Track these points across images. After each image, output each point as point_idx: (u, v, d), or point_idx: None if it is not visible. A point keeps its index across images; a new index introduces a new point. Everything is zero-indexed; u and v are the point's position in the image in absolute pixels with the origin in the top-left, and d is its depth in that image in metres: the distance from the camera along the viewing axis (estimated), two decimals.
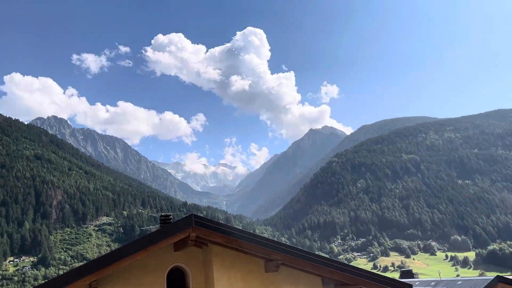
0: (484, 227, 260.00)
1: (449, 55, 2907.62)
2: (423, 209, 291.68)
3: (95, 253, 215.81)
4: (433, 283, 33.78)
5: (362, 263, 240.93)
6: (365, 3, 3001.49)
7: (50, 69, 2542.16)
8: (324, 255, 11.36)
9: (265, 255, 10.05)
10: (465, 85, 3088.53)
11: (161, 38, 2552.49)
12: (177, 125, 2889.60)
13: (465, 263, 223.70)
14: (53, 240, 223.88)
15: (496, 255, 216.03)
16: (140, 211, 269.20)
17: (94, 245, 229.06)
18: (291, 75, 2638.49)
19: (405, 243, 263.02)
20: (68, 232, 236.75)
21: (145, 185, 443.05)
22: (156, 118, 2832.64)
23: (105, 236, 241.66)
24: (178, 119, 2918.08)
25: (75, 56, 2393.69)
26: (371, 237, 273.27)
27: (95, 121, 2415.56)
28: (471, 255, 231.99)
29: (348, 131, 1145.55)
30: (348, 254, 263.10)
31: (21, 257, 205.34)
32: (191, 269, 10.73)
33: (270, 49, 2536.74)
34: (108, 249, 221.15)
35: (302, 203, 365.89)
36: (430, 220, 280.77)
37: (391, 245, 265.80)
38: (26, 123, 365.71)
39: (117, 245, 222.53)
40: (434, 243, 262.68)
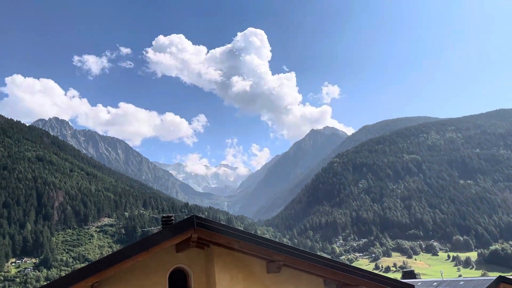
0: (486, 227, 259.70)
1: (450, 55, 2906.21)
2: (425, 209, 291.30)
3: (97, 254, 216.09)
4: (435, 284, 33.74)
5: (364, 263, 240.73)
6: (366, 4, 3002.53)
7: (51, 71, 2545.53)
8: (325, 256, 11.38)
9: (267, 256, 10.05)
10: (467, 84, 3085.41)
11: (162, 39, 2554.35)
12: (178, 126, 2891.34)
13: (467, 263, 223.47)
14: (55, 241, 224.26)
15: (498, 255, 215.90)
16: (141, 212, 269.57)
17: (95, 246, 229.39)
18: (292, 75, 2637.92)
19: (407, 244, 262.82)
20: (70, 233, 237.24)
21: (147, 186, 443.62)
22: (157, 119, 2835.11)
23: (107, 237, 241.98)
24: (179, 120, 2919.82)
25: (76, 57, 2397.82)
26: (373, 238, 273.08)
27: (97, 122, 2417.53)
28: (473, 255, 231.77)
29: (349, 131, 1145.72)
30: (350, 254, 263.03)
31: (23, 259, 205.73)
32: (193, 270, 10.74)
33: (271, 50, 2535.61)
34: (109, 250, 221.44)
35: (303, 204, 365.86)
36: (432, 220, 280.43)
37: (393, 246, 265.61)
38: (27, 125, 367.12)
39: (119, 246, 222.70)
40: (436, 243, 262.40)
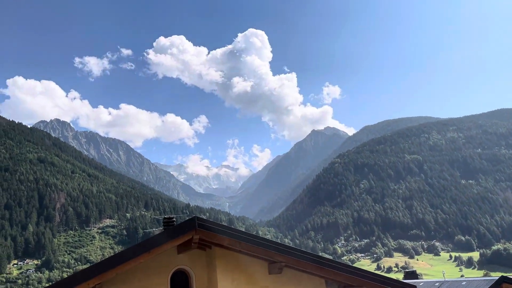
0: (488, 227, 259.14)
1: (451, 55, 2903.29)
2: (427, 210, 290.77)
3: (99, 256, 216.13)
4: (437, 284, 33.64)
5: (365, 264, 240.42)
6: (367, 4, 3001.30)
7: (52, 73, 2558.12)
8: (327, 257, 11.37)
9: (268, 257, 10.04)
10: (468, 84, 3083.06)
11: (162, 40, 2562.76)
12: (180, 127, 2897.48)
13: (469, 264, 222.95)
14: (57, 243, 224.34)
15: (500, 255, 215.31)
16: (143, 213, 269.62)
17: (97, 247, 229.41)
18: (293, 76, 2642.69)
19: (408, 244, 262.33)
20: (71, 234, 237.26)
21: (148, 187, 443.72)
22: (158, 120, 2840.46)
23: (109, 238, 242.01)
24: (180, 121, 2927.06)
25: (77, 59, 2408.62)
26: (374, 238, 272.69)
27: (98, 123, 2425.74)
28: (475, 255, 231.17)
29: (350, 131, 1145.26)
30: (351, 255, 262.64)
31: (25, 260, 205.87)
32: (194, 271, 10.74)
33: (271, 51, 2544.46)
34: (111, 251, 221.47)
35: (305, 204, 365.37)
36: (433, 220, 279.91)
37: (395, 246, 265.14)
38: (29, 127, 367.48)
39: (121, 247, 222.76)
40: (438, 244, 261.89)
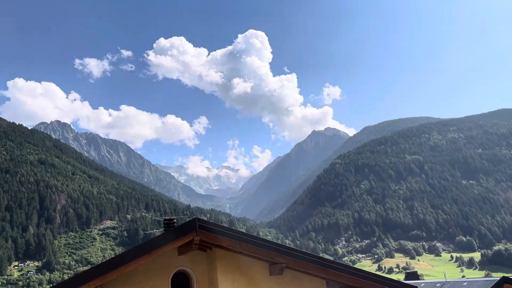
0: (489, 227, 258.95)
1: (451, 55, 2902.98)
2: (428, 210, 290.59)
3: (99, 257, 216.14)
4: (438, 285, 33.61)
5: (366, 264, 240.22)
6: (367, 4, 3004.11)
7: (52, 74, 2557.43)
8: (328, 257, 11.36)
9: (269, 258, 10.03)
10: (468, 84, 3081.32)
11: (163, 42, 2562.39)
12: (180, 128, 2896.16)
13: (470, 264, 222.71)
14: (57, 244, 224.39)
15: (501, 256, 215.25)
16: (143, 214, 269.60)
17: (98, 249, 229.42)
18: (293, 77, 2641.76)
19: (409, 244, 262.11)
20: (72, 236, 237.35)
21: (149, 189, 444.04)
22: (158, 121, 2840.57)
23: (109, 240, 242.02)
24: (180, 122, 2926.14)
25: (77, 60, 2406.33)
26: (375, 239, 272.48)
27: (98, 125, 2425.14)
28: (476, 256, 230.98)
29: (351, 132, 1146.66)
30: (352, 255, 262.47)
31: (26, 262, 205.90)
32: (195, 273, 10.73)
33: (271, 51, 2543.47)
34: (112, 253, 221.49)
35: (305, 205, 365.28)
36: (434, 221, 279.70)
37: (396, 247, 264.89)
38: (29, 128, 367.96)
39: (121, 249, 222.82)
40: (439, 244, 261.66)
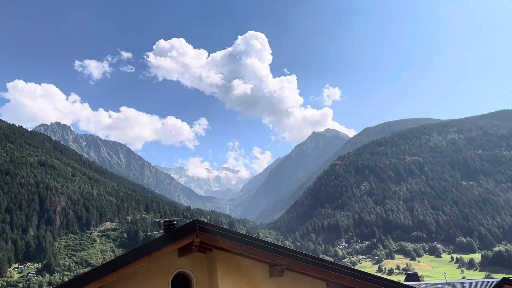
0: (489, 228, 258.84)
1: (451, 56, 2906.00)
2: (428, 211, 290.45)
3: (99, 259, 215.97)
4: (439, 286, 33.59)
5: (367, 266, 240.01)
6: (367, 6, 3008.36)
7: (52, 76, 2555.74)
8: (328, 259, 11.33)
9: (269, 260, 10.03)
10: (468, 85, 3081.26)
11: (162, 43, 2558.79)
12: (180, 129, 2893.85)
13: (471, 265, 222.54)
14: (58, 246, 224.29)
15: (502, 257, 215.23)
16: (144, 216, 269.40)
17: (98, 250, 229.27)
18: (293, 78, 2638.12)
19: (410, 246, 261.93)
20: (72, 238, 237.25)
21: (149, 190, 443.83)
22: (158, 123, 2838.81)
23: (109, 241, 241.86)
24: (180, 123, 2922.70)
25: (77, 62, 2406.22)
26: (375, 240, 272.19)
27: (98, 126, 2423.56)
28: (476, 257, 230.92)
29: (351, 133, 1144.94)
30: (352, 257, 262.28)
31: (26, 264, 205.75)
32: (195, 274, 10.72)
33: (271, 53, 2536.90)
34: (112, 254, 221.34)
35: (305, 207, 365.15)
36: (434, 222, 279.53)
37: (396, 248, 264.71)
38: (29, 130, 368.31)
39: (121, 251, 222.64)
40: (439, 245, 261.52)
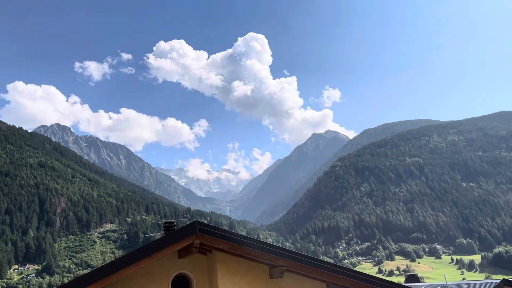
0: (489, 229, 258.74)
1: (451, 57, 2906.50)
2: (428, 213, 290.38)
3: (99, 260, 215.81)
4: (439, 287, 33.56)
5: (367, 267, 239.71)
6: (367, 7, 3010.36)
7: (52, 77, 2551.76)
8: (328, 260, 11.34)
9: (270, 261, 10.03)
10: (468, 87, 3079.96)
11: (162, 45, 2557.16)
12: (180, 131, 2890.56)
13: (471, 267, 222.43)
14: (57, 247, 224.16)
15: (502, 258, 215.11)
16: (144, 217, 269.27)
17: (98, 252, 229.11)
18: (293, 79, 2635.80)
19: (410, 247, 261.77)
20: (72, 239, 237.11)
21: (149, 192, 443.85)
22: (158, 124, 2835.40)
23: (109, 243, 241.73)
24: (180, 125, 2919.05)
25: (77, 63, 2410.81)
26: (375, 241, 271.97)
27: (98, 128, 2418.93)
28: (476, 258, 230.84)
29: (351, 135, 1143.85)
30: (353, 258, 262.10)
31: (26, 265, 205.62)
32: (195, 276, 10.72)
33: (271, 54, 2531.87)
34: (112, 256, 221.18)
35: (306, 208, 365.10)
36: (434, 223, 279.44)
37: (396, 249, 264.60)
38: (29, 131, 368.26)
39: (121, 252, 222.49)
40: (439, 247, 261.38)
